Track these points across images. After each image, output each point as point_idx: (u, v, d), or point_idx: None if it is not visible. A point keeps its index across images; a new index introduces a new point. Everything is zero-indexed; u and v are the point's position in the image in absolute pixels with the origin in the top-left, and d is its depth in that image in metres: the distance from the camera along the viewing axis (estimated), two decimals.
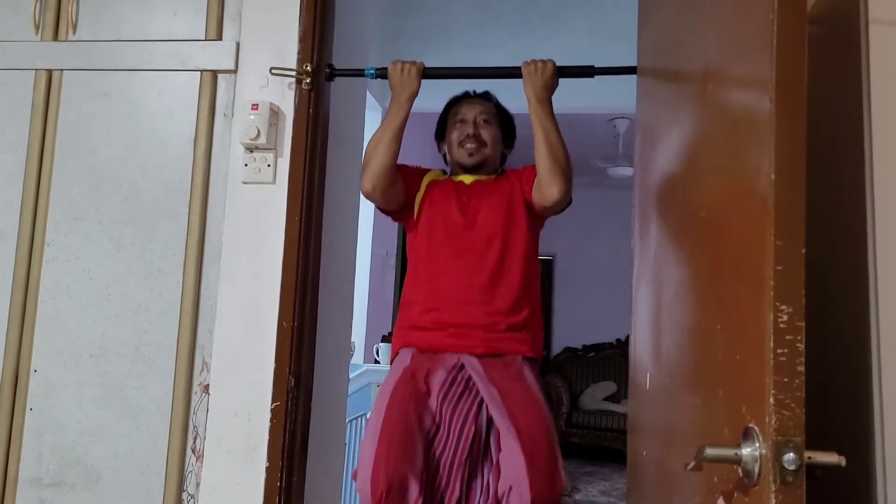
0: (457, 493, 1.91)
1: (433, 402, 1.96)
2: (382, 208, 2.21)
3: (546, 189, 2.01)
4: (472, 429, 1.93)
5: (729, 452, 0.96)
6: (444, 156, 2.31)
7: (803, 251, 0.92)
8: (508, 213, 2.11)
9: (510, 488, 1.87)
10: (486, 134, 2.19)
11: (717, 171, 1.20)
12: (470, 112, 2.22)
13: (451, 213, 2.11)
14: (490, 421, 1.95)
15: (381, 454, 1.86)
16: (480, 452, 1.95)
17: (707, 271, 1.22)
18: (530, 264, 2.11)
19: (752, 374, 0.97)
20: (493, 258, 2.06)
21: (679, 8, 1.49)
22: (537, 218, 2.15)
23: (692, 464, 1.02)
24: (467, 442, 1.92)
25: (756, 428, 0.94)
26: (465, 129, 2.20)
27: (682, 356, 1.32)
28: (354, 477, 1.93)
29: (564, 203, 2.06)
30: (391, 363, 2.13)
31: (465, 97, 2.29)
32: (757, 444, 0.93)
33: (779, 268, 0.92)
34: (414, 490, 1.85)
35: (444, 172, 2.30)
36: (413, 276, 2.14)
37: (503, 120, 2.27)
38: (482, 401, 1.95)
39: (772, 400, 0.90)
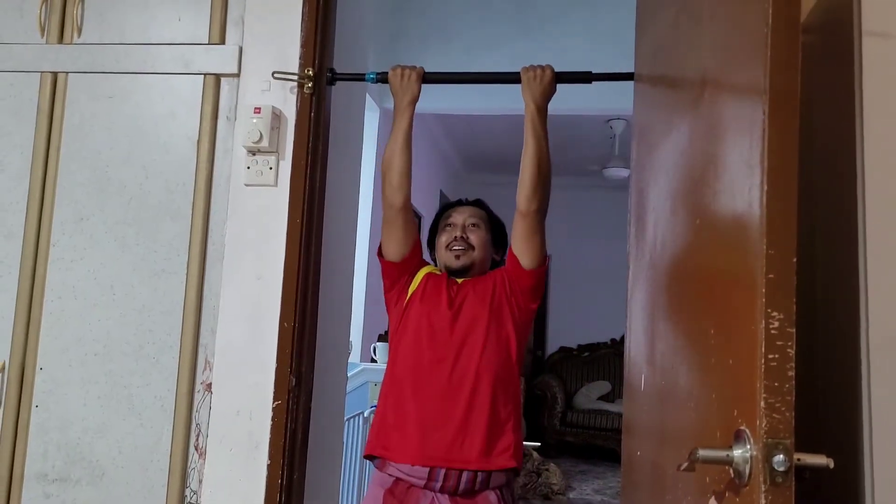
0: None
1: None
2: (388, 246, 2.13)
3: (529, 197, 2.00)
4: None
5: (721, 454, 1.00)
6: (435, 262, 2.26)
7: (794, 260, 0.95)
8: (492, 303, 2.06)
9: None
10: (473, 238, 2.15)
11: (711, 178, 1.23)
12: (459, 217, 2.18)
13: (437, 307, 2.06)
14: None
15: None
16: None
17: (701, 276, 1.26)
18: (514, 365, 2.05)
19: (743, 379, 1.00)
20: (473, 362, 1.99)
21: (676, 17, 1.52)
22: (522, 311, 2.09)
23: (685, 464, 1.06)
24: None
25: (747, 430, 0.97)
26: (453, 233, 2.16)
27: (676, 359, 1.36)
28: None
29: (541, 212, 2.04)
30: (371, 482, 2.08)
31: (458, 204, 2.27)
32: (748, 446, 0.96)
33: (770, 276, 0.95)
34: None
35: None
36: (393, 369, 2.06)
37: (493, 225, 2.23)
38: None
39: (762, 404, 0.93)
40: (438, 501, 1.96)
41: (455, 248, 2.15)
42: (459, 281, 2.13)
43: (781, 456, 0.92)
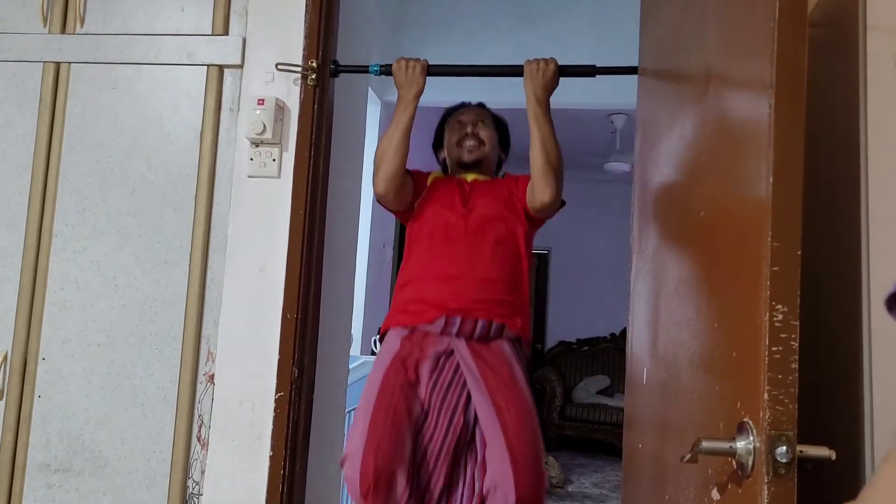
0: (441, 483, 1.94)
1: (422, 391, 1.99)
2: (391, 209, 2.24)
3: (538, 190, 2.05)
4: (461, 420, 1.97)
5: (724, 445, 1.00)
6: (443, 161, 2.35)
7: (799, 253, 0.95)
8: (505, 209, 2.15)
9: (495, 487, 1.91)
10: (483, 134, 2.26)
11: (716, 171, 1.23)
12: (467, 116, 2.30)
13: (453, 203, 2.15)
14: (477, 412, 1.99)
15: (370, 447, 1.90)
16: (466, 444, 1.98)
17: (705, 270, 1.26)
18: (523, 260, 2.15)
19: (747, 371, 1.01)
20: (489, 246, 2.09)
21: (681, 10, 1.52)
22: (533, 223, 2.19)
23: (688, 456, 1.06)
24: (455, 433, 1.96)
25: (750, 422, 0.98)
26: (463, 130, 2.27)
27: (679, 352, 1.36)
28: (342, 464, 1.96)
29: (556, 205, 2.10)
30: (380, 341, 2.17)
31: (461, 106, 2.37)
32: (751, 438, 0.97)
33: (775, 268, 0.95)
34: (401, 482, 1.90)
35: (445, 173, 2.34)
36: (409, 261, 2.17)
37: (499, 126, 2.34)
38: (470, 397, 1.99)
39: (766, 396, 0.94)
40: (455, 344, 2.03)
41: (467, 142, 2.25)
42: (469, 179, 2.22)
43: (784, 447, 0.93)
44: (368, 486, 1.87)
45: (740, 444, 0.98)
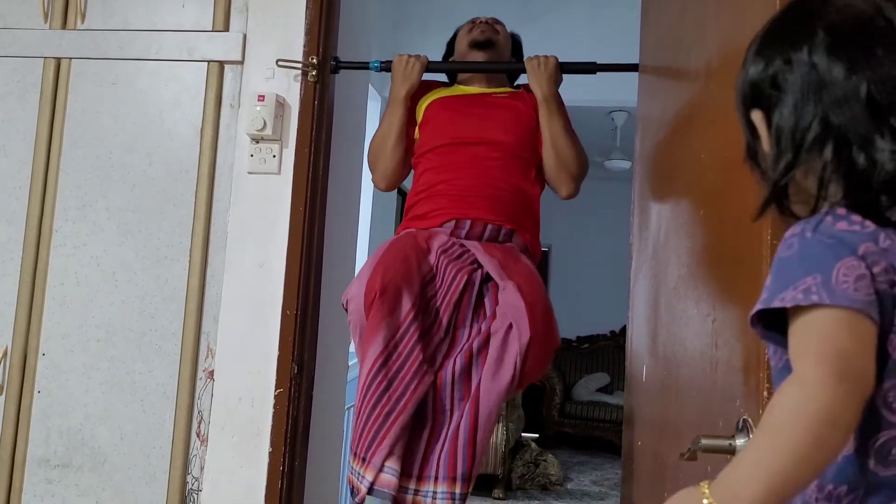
0: (441, 333, 1.88)
1: (432, 257, 1.94)
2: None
3: (553, 186, 2.07)
4: (465, 278, 1.90)
5: (723, 443, 1.00)
6: (450, 77, 2.31)
7: None
8: (519, 137, 2.08)
9: (510, 326, 1.84)
10: (498, 27, 2.23)
11: (716, 168, 1.24)
12: (481, 18, 2.27)
13: (457, 129, 2.09)
14: (486, 280, 1.93)
15: (378, 269, 1.84)
16: (470, 306, 1.91)
17: (705, 266, 1.26)
18: (534, 186, 2.10)
19: (746, 369, 1.01)
20: (499, 171, 2.04)
21: (682, 8, 1.52)
22: None
23: (687, 453, 1.06)
24: (458, 288, 1.89)
25: (750, 420, 0.98)
26: (476, 21, 2.25)
27: (678, 349, 1.36)
28: (345, 299, 1.90)
29: (575, 192, 2.11)
30: None
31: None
32: (750, 436, 0.97)
33: None
34: (407, 302, 1.83)
35: (446, 86, 2.27)
36: (416, 184, 2.11)
37: (512, 38, 2.30)
38: (478, 265, 1.94)
39: (765, 393, 0.94)
40: (464, 243, 1.97)
41: (482, 26, 2.21)
42: (477, 91, 2.17)
43: None
44: (374, 295, 1.80)
45: (739, 442, 0.98)
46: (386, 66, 2.16)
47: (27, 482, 2.02)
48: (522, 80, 2.25)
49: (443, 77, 2.32)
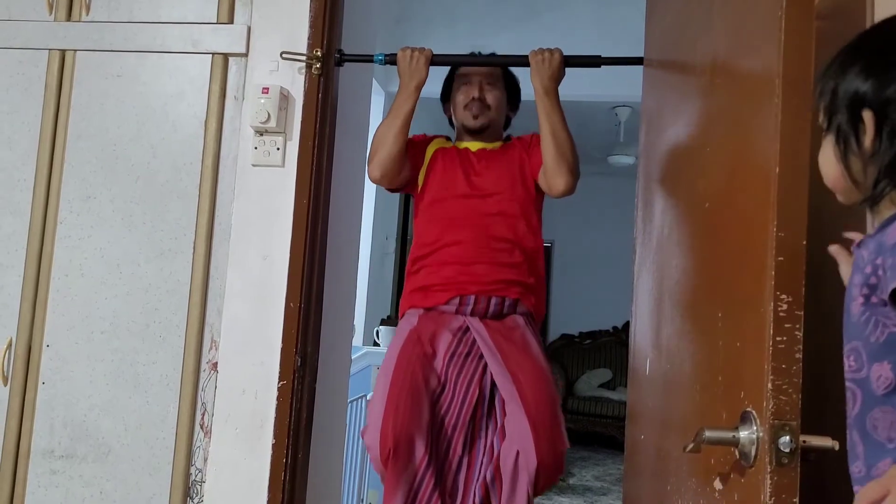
0: (459, 452, 1.97)
1: (438, 364, 2.01)
2: (386, 188, 2.25)
3: (552, 181, 2.06)
4: (477, 391, 1.99)
5: (727, 435, 1.01)
6: (450, 118, 2.33)
7: (804, 242, 0.95)
8: (515, 186, 2.13)
9: (517, 453, 1.94)
10: (490, 97, 2.21)
11: (721, 162, 1.23)
12: (475, 75, 2.22)
13: (457, 182, 2.13)
14: (494, 384, 2.00)
15: (389, 414, 1.93)
16: (484, 414, 2.00)
17: (710, 260, 1.26)
18: (536, 237, 2.14)
19: (751, 361, 1.01)
20: (500, 227, 2.09)
21: (687, 1, 1.52)
22: (542, 194, 2.18)
23: (691, 445, 1.06)
24: (471, 403, 1.98)
25: (754, 412, 0.98)
26: (470, 92, 2.20)
27: (682, 343, 1.36)
28: (363, 435, 2.00)
29: (569, 193, 2.10)
30: (400, 321, 2.18)
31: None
32: (754, 428, 0.97)
33: (780, 258, 0.96)
34: (420, 448, 1.93)
35: (448, 139, 2.31)
36: (418, 245, 2.16)
37: (508, 82, 2.28)
38: (486, 364, 2.01)
39: (770, 385, 0.94)
40: (470, 322, 2.04)
41: (473, 108, 2.20)
42: (474, 149, 2.18)
43: (787, 437, 0.93)
44: (388, 451, 1.91)
45: (743, 434, 0.98)
46: (391, 59, 2.16)
47: (31, 473, 2.03)
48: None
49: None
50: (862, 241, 0.90)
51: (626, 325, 6.37)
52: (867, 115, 0.89)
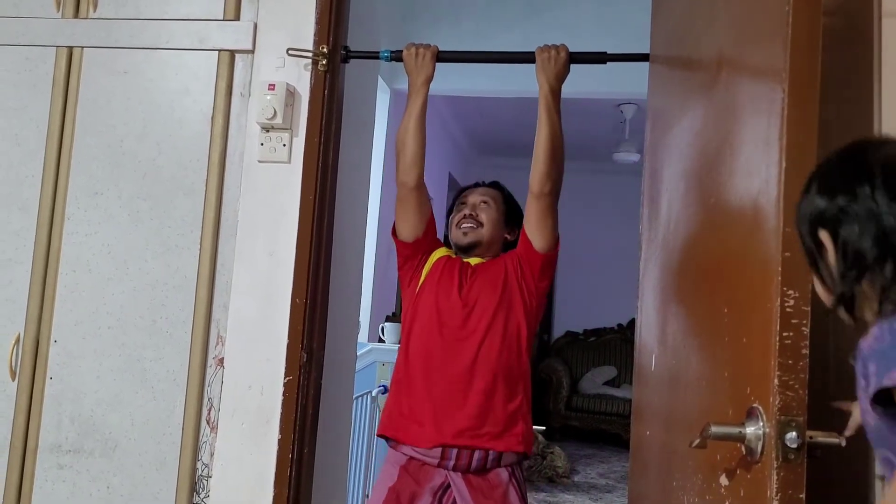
0: None
1: None
2: (402, 225, 2.14)
3: (539, 178, 2.00)
4: None
5: (733, 430, 1.01)
6: (450, 244, 2.26)
7: None
8: (504, 292, 2.06)
9: None
10: (483, 215, 2.16)
11: (727, 158, 1.23)
12: (472, 197, 2.21)
13: (451, 292, 2.07)
14: None
15: None
16: None
17: (715, 256, 1.26)
18: (523, 354, 2.06)
19: (757, 357, 1.01)
20: (483, 362, 2.00)
21: None
22: (533, 296, 2.09)
23: (697, 441, 1.07)
24: None
25: (760, 408, 0.98)
26: (463, 210, 2.18)
27: (688, 339, 1.36)
28: None
29: (555, 191, 2.05)
30: (383, 464, 2.11)
31: (474, 186, 2.28)
32: (760, 423, 0.97)
33: (787, 254, 0.96)
34: None
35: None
36: (404, 356, 2.08)
37: (507, 206, 2.24)
38: None
39: (776, 381, 0.94)
40: (451, 479, 1.98)
41: (464, 225, 2.17)
42: (473, 263, 2.14)
43: (794, 433, 0.93)
44: None
45: (749, 430, 0.98)
46: (397, 56, 2.16)
47: (39, 467, 2.04)
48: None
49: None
50: (854, 356, 0.93)
51: (631, 322, 6.37)
52: (824, 235, 0.94)
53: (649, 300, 1.71)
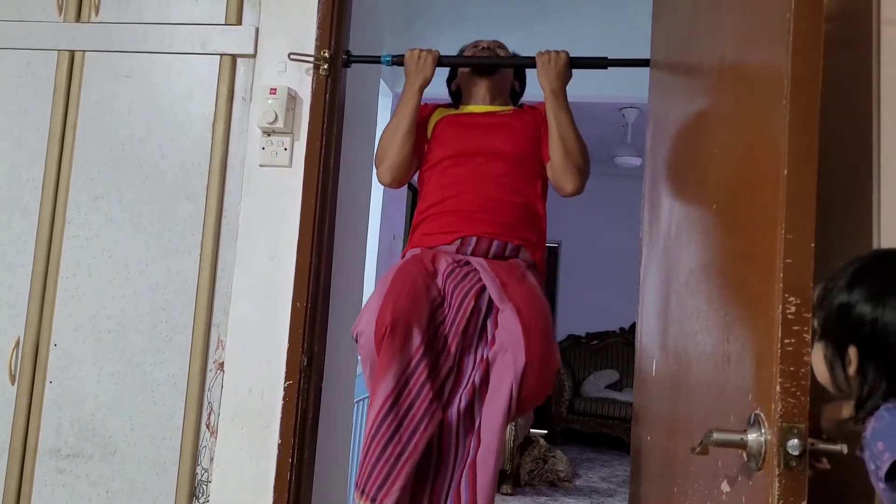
0: (450, 361, 1.89)
1: (439, 280, 1.95)
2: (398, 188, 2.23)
3: (560, 181, 2.05)
4: (472, 304, 1.90)
5: (735, 437, 1.00)
6: (455, 90, 2.31)
7: (812, 245, 0.95)
8: (528, 152, 2.10)
9: (506, 350, 1.85)
10: (501, 53, 2.24)
11: (728, 164, 1.23)
12: (484, 42, 2.27)
13: (462, 141, 2.10)
14: (490, 305, 1.93)
15: (388, 301, 1.84)
16: (476, 331, 1.92)
17: (717, 262, 1.26)
18: (540, 202, 2.11)
19: (759, 363, 1.01)
20: (505, 189, 2.04)
21: (695, 3, 1.51)
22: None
23: (698, 447, 1.06)
24: (465, 314, 1.90)
25: (762, 414, 0.97)
26: (480, 45, 2.25)
27: (689, 344, 1.36)
28: (354, 328, 1.91)
29: (577, 193, 2.08)
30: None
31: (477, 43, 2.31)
32: (762, 430, 0.96)
33: (788, 260, 0.95)
34: (417, 337, 1.83)
35: (452, 107, 2.28)
36: (421, 204, 2.12)
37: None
38: (484, 287, 1.94)
39: (778, 388, 0.94)
40: (471, 259, 1.98)
41: (485, 53, 2.21)
42: (482, 111, 2.17)
43: (796, 440, 0.92)
44: (385, 330, 1.80)
45: (751, 437, 0.98)
46: (398, 61, 2.16)
47: (38, 471, 2.04)
48: (530, 90, 2.27)
49: (447, 94, 2.33)
50: (861, 447, 0.94)
51: (633, 326, 6.36)
52: (853, 351, 0.95)
53: (650, 305, 1.70)
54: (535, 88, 2.17)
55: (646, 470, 1.65)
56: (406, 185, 2.43)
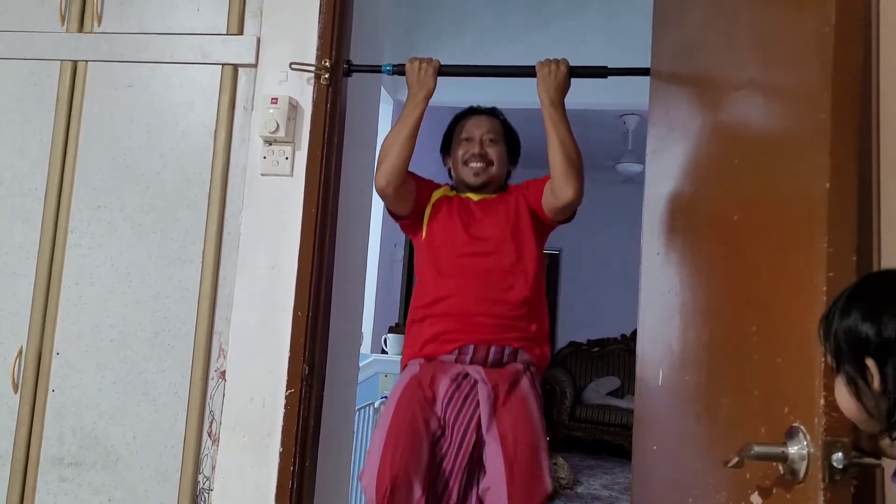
0: (454, 498, 1.95)
1: (438, 407, 2.00)
2: (392, 211, 2.21)
3: (560, 190, 2.04)
4: (474, 436, 1.97)
5: (776, 450, 0.99)
6: (449, 170, 2.32)
7: (854, 258, 0.95)
8: (514, 227, 2.12)
9: (488, 488, 1.94)
10: (492, 153, 2.19)
11: (753, 176, 1.21)
12: (477, 130, 2.21)
13: (458, 234, 2.12)
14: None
15: (387, 454, 1.91)
16: (479, 461, 1.99)
17: (741, 274, 1.24)
18: (538, 279, 2.12)
19: (795, 377, 1.00)
20: (498, 284, 2.07)
21: (706, 15, 1.51)
22: (543, 229, 2.17)
23: (735, 460, 1.05)
24: (468, 450, 1.96)
25: (803, 427, 0.97)
26: (471, 148, 2.19)
27: (706, 356, 1.35)
28: (361, 478, 1.98)
29: (577, 203, 2.08)
30: (402, 371, 2.16)
31: (472, 113, 2.29)
32: (805, 444, 0.96)
33: (830, 274, 0.95)
34: (417, 491, 1.90)
35: (452, 188, 2.29)
36: (421, 294, 2.15)
37: (509, 138, 2.27)
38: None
39: (822, 401, 0.94)
40: (469, 369, 2.03)
41: (473, 164, 2.19)
42: (476, 199, 2.18)
43: (841, 454, 0.93)
44: (385, 491, 1.87)
45: (793, 450, 0.97)
46: (399, 70, 2.17)
47: (41, 480, 2.04)
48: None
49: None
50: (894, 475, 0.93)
51: (635, 333, 6.33)
52: (870, 363, 0.93)
53: (654, 313, 1.69)
54: (532, 97, 2.17)
55: (650, 479, 1.64)
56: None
